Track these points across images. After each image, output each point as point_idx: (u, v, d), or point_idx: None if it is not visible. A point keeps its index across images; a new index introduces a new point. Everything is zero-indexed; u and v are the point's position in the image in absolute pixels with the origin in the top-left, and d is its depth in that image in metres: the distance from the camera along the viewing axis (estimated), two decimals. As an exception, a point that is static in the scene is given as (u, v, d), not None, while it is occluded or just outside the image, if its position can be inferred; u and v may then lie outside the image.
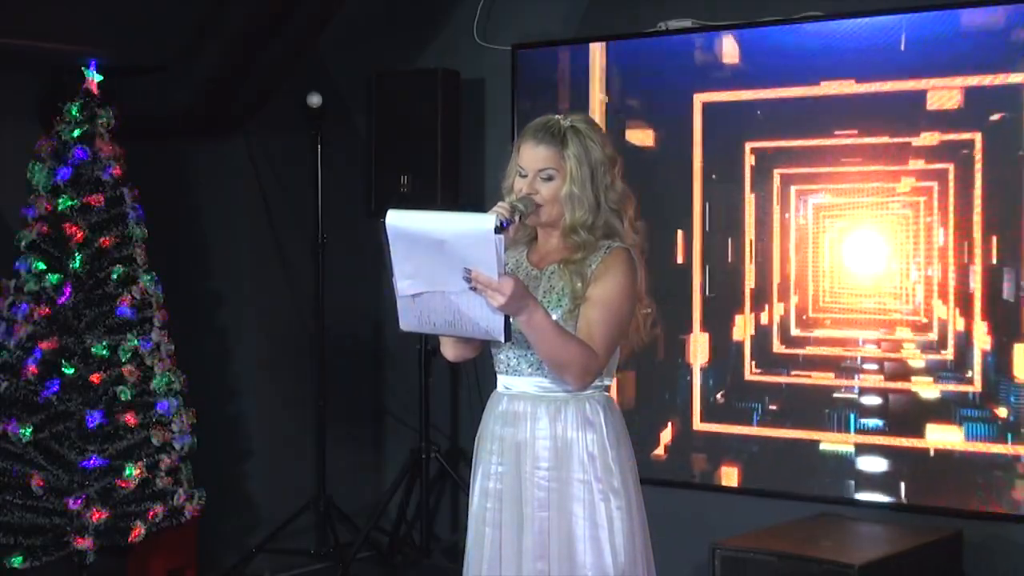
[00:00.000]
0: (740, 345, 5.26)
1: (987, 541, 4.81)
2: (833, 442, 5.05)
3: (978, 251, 4.75)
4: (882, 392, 4.96)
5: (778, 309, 5.20)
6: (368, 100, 6.13)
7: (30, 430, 5.02)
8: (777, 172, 5.15)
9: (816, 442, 5.09)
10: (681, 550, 5.13)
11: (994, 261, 4.73)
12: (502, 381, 3.30)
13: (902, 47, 4.86)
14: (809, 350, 5.14)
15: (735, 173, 5.22)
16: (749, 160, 5.18)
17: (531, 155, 3.20)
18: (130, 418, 5.11)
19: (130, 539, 5.06)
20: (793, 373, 5.16)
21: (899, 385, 4.93)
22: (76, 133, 5.21)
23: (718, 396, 5.30)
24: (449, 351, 3.36)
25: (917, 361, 4.89)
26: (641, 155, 5.42)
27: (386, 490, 6.27)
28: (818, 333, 5.15)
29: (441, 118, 5.87)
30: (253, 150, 6.08)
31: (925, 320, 4.90)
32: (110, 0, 5.33)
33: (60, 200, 5.15)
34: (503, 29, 6.06)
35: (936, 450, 4.87)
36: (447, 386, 6.29)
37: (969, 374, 4.77)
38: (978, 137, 4.73)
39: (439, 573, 5.94)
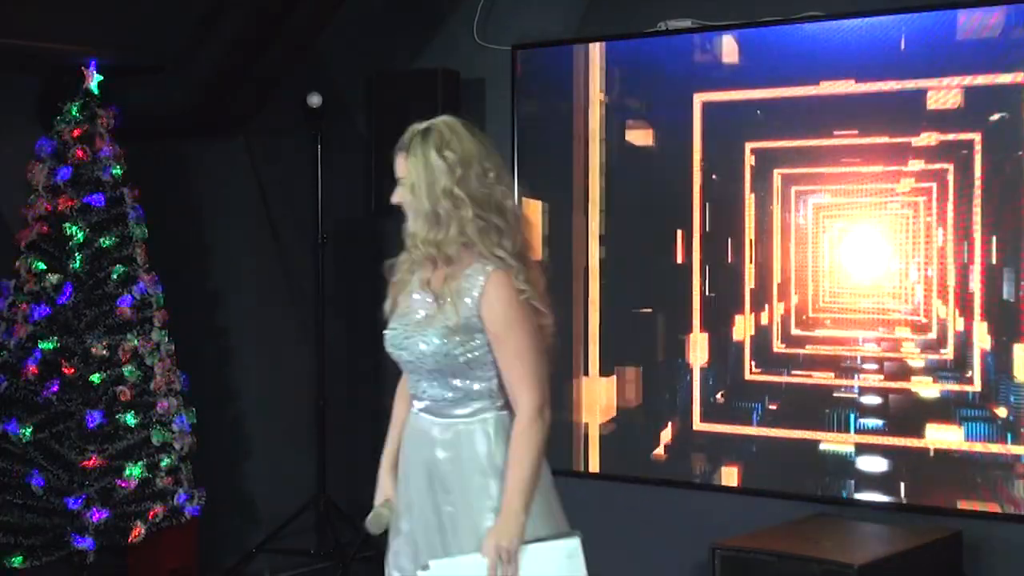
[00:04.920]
0: (740, 345, 5.26)
1: (987, 541, 4.80)
2: (833, 442, 5.03)
3: (977, 251, 4.75)
4: (882, 392, 4.95)
5: (778, 309, 5.21)
6: (368, 100, 6.13)
7: (30, 430, 5.03)
8: (778, 172, 5.14)
9: (816, 442, 5.07)
10: (681, 550, 5.13)
11: (994, 261, 4.72)
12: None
13: (902, 47, 4.85)
14: (809, 348, 5.13)
15: (735, 173, 5.22)
16: (749, 160, 5.18)
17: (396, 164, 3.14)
18: (130, 418, 5.11)
19: (130, 539, 5.06)
20: (793, 373, 5.15)
21: (899, 385, 4.92)
22: (76, 133, 5.21)
23: (718, 396, 5.30)
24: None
25: (916, 360, 4.88)
26: (640, 154, 5.43)
27: (386, 490, 6.26)
28: (818, 332, 5.16)
29: (441, 118, 5.87)
30: (253, 150, 6.08)
31: (924, 320, 4.89)
32: (110, 0, 5.34)
33: (60, 200, 5.16)
34: (503, 29, 6.05)
35: (936, 450, 4.86)
36: (447, 386, 6.28)
37: (969, 373, 4.77)
38: (978, 137, 4.72)
39: (439, 573, 5.93)
